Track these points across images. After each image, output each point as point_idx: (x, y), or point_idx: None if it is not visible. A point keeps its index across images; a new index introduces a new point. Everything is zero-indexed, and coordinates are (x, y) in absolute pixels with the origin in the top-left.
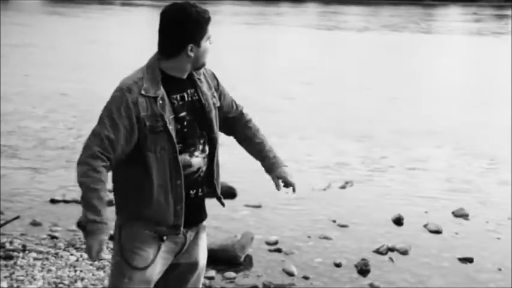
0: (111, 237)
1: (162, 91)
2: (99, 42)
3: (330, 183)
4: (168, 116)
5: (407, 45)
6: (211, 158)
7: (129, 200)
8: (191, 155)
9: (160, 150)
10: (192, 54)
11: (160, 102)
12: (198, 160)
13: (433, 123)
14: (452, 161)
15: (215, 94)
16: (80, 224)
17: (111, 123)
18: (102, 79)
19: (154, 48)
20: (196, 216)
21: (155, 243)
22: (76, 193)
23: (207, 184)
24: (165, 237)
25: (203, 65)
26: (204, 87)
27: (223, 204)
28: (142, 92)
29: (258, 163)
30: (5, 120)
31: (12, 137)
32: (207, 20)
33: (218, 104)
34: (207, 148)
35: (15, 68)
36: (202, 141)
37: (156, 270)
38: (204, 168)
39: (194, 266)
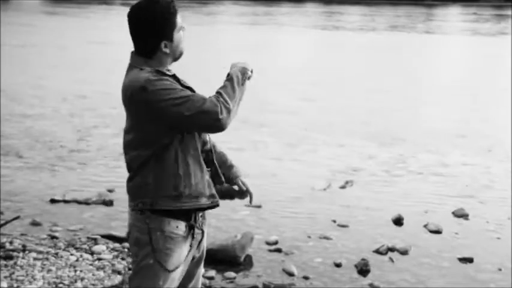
0: (110, 237)
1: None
2: (101, 42)
3: (330, 183)
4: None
5: (409, 46)
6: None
7: (170, 181)
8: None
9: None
10: (167, 50)
11: (180, 79)
12: (207, 138)
13: (434, 123)
14: (453, 161)
15: None
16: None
17: (183, 91)
18: (105, 79)
19: None
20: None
21: (186, 242)
22: (76, 193)
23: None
24: (195, 223)
25: (181, 55)
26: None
27: (222, 183)
28: (167, 72)
29: (258, 163)
30: (5, 119)
31: (13, 136)
32: (174, 13)
33: None
34: None
35: (15, 68)
36: None
37: (183, 268)
38: (209, 146)
39: (201, 259)
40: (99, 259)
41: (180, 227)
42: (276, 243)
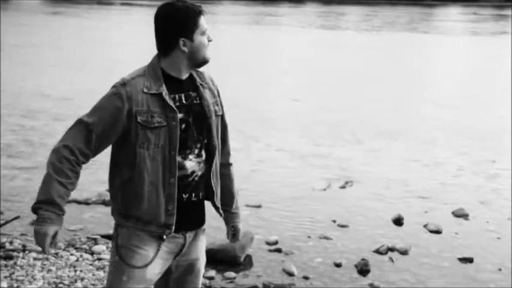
0: (110, 237)
1: (164, 88)
2: (101, 42)
3: (330, 183)
4: (168, 114)
5: (409, 46)
6: (210, 165)
7: (120, 199)
8: (185, 157)
9: (154, 147)
10: (185, 48)
11: (164, 98)
12: (191, 164)
13: (433, 123)
14: (453, 161)
15: (218, 103)
16: (34, 209)
17: (95, 114)
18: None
19: (154, 48)
20: (192, 221)
21: (154, 243)
22: (76, 193)
23: (205, 192)
24: (165, 237)
25: (203, 61)
26: (207, 93)
27: (221, 215)
28: (144, 90)
29: (258, 163)
30: (6, 119)
31: (13, 136)
32: (198, 13)
33: (220, 113)
34: (203, 153)
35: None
36: (198, 146)
37: (155, 271)
38: (199, 173)
39: (192, 267)
40: (99, 259)
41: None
42: (276, 243)
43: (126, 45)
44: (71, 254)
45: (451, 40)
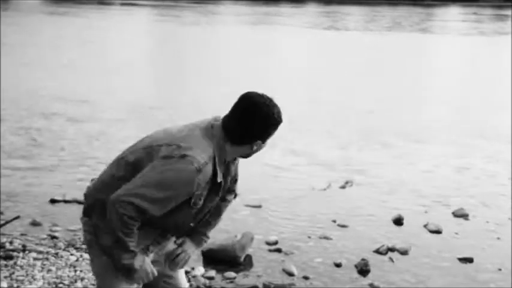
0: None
1: (221, 176)
2: (101, 43)
3: (330, 183)
4: (212, 196)
5: (409, 45)
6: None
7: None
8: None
9: (171, 214)
10: (255, 148)
11: (220, 186)
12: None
13: (433, 123)
14: (453, 161)
15: (235, 179)
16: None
17: (165, 195)
18: (105, 80)
19: (157, 48)
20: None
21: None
22: (76, 193)
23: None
24: (151, 248)
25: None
26: (233, 170)
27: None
28: (210, 180)
29: (259, 164)
30: (5, 119)
31: (12, 136)
32: (279, 124)
33: (230, 186)
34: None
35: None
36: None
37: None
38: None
39: (168, 253)
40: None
41: None
42: (276, 243)
43: (126, 46)
44: (71, 254)
45: (450, 40)
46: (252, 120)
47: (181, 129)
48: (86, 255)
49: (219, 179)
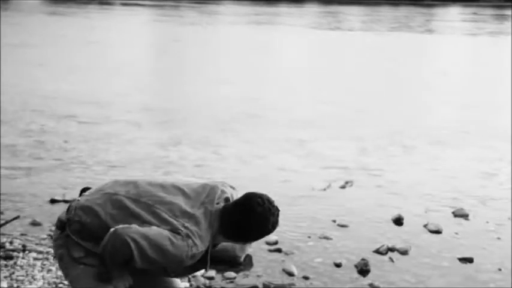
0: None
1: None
2: (101, 43)
3: (330, 183)
4: (197, 265)
5: (409, 46)
6: None
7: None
8: None
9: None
10: (239, 245)
11: (207, 260)
12: None
13: (434, 122)
14: (453, 161)
15: None
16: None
17: (150, 257)
18: (105, 80)
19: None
20: None
21: None
22: (76, 193)
23: None
24: None
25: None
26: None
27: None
28: (203, 250)
29: (260, 164)
30: (5, 119)
31: (12, 136)
32: (273, 230)
33: None
34: None
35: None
36: None
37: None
38: None
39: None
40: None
41: None
42: (276, 243)
43: (130, 46)
44: None
45: (451, 40)
46: (248, 229)
47: (189, 198)
48: None
49: (207, 268)
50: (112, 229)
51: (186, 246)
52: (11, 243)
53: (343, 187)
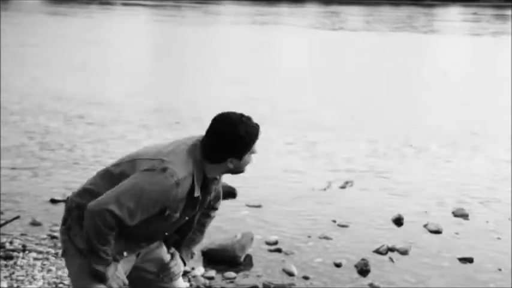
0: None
1: (199, 191)
2: (102, 43)
3: (330, 183)
4: (187, 211)
5: (409, 46)
6: (182, 237)
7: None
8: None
9: (147, 225)
10: (231, 165)
11: (197, 201)
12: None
13: (435, 123)
14: (453, 161)
15: (217, 196)
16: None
17: (136, 208)
18: (106, 80)
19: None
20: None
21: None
22: None
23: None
24: (125, 254)
25: (240, 173)
26: (216, 185)
27: (184, 264)
28: (188, 195)
29: (261, 164)
30: (6, 120)
31: (12, 136)
32: (255, 139)
33: (211, 202)
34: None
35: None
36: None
37: (120, 269)
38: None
39: (161, 259)
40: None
41: None
42: (276, 243)
43: (132, 46)
44: None
45: (451, 40)
46: (219, 140)
47: (168, 145)
48: None
49: (196, 193)
50: (85, 211)
51: (164, 177)
52: (11, 243)
53: (343, 187)
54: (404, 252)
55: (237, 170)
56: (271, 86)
